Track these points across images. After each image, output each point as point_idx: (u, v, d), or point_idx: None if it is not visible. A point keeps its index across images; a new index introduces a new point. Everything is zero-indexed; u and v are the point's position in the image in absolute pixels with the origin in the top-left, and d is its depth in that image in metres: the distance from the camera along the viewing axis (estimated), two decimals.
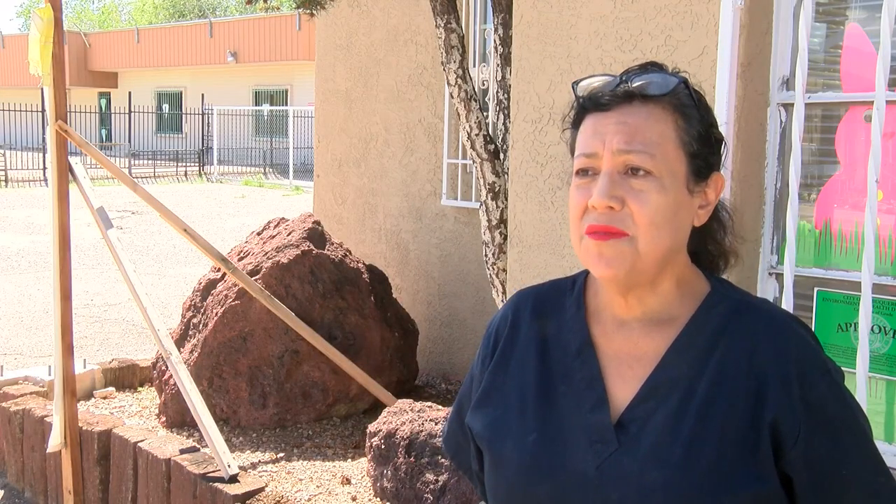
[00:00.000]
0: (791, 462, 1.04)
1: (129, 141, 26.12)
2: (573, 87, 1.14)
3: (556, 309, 1.21)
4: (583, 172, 1.10)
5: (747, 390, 1.05)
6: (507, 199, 3.61)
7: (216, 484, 3.19)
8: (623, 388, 1.11)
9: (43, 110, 18.49)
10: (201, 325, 4.40)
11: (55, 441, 3.56)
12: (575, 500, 1.08)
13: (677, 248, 1.11)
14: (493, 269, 3.83)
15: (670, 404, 1.07)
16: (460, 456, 1.32)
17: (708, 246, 1.20)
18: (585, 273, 1.22)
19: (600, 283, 1.17)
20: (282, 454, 3.91)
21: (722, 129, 2.53)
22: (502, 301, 3.80)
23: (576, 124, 1.14)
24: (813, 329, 2.72)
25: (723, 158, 1.16)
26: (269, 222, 4.96)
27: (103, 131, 33.81)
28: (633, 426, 1.08)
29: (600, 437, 1.08)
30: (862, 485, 1.07)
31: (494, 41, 3.87)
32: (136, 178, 20.95)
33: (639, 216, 1.05)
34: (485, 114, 3.99)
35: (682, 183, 1.08)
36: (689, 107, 1.10)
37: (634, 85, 1.08)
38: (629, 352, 1.13)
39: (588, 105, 1.12)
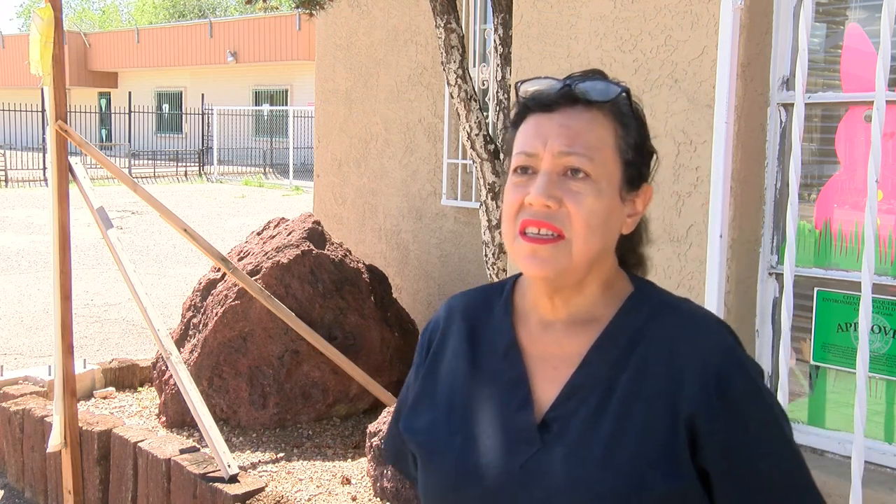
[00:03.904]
0: (708, 456, 1.06)
1: (129, 141, 26.12)
2: (516, 88, 1.16)
3: (485, 312, 1.23)
4: (521, 171, 1.11)
5: (666, 387, 1.08)
6: None
7: (216, 484, 3.19)
8: (547, 388, 1.13)
9: (43, 110, 18.49)
10: (201, 325, 4.40)
11: (55, 441, 3.55)
12: (502, 500, 1.10)
13: (606, 252, 1.14)
14: (493, 269, 3.83)
15: (591, 402, 1.09)
16: (401, 462, 1.35)
17: (630, 255, 1.24)
18: (515, 277, 1.25)
19: (528, 286, 1.19)
20: (282, 454, 3.91)
21: (722, 128, 2.54)
22: None
23: (516, 124, 1.16)
24: (813, 328, 2.72)
25: (653, 172, 1.18)
26: (269, 222, 4.96)
27: (103, 131, 33.82)
28: (556, 425, 1.10)
29: (524, 437, 1.10)
30: (778, 479, 1.09)
31: (494, 41, 3.87)
32: (136, 178, 20.96)
33: (576, 217, 1.07)
34: (485, 114, 3.99)
35: (616, 189, 1.11)
36: (628, 116, 1.13)
37: (578, 89, 1.11)
38: (554, 352, 1.15)
39: (531, 105, 1.13)
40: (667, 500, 1.05)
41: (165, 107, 33.55)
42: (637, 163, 1.13)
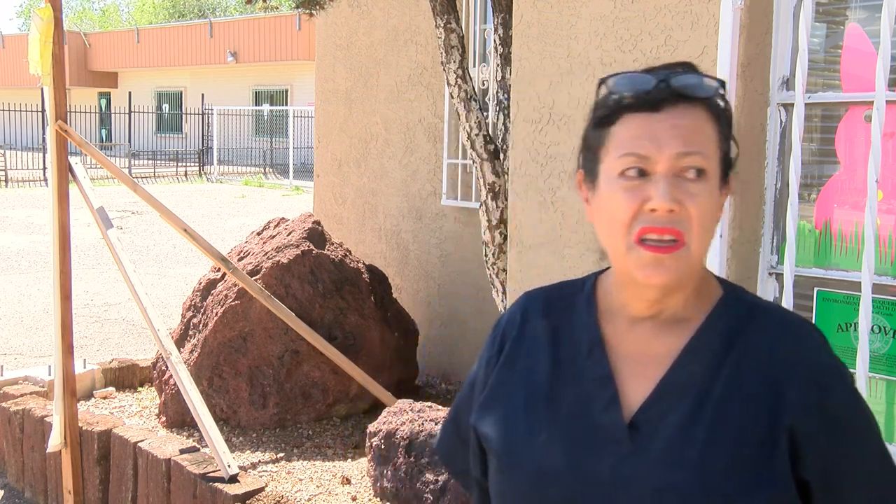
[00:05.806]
0: (808, 466, 1.04)
1: (129, 141, 26.12)
2: (602, 84, 1.11)
3: (567, 309, 1.19)
4: (628, 174, 1.05)
5: (764, 393, 1.05)
6: (507, 199, 3.61)
7: (216, 484, 3.19)
8: (636, 388, 1.09)
9: (43, 110, 18.48)
10: (201, 325, 4.40)
11: (55, 441, 3.56)
12: (587, 502, 1.06)
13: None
14: (493, 269, 3.83)
15: (685, 406, 1.06)
16: (454, 462, 1.31)
17: None
18: (596, 274, 1.21)
19: (623, 286, 1.13)
20: (282, 454, 3.91)
21: None
22: (502, 301, 3.80)
23: (606, 123, 1.09)
24: None
25: (735, 161, 1.15)
26: (269, 222, 4.96)
27: (103, 131, 33.81)
28: (646, 427, 1.06)
29: (613, 438, 1.07)
30: (876, 487, 1.07)
31: (494, 41, 3.87)
32: (136, 178, 20.95)
33: (696, 219, 1.04)
34: (485, 114, 3.99)
35: (718, 186, 1.08)
36: (723, 109, 1.10)
37: (680, 86, 1.06)
38: (642, 351, 1.11)
39: (631, 104, 1.06)
40: None
41: (165, 107, 33.54)
42: (728, 156, 1.11)
